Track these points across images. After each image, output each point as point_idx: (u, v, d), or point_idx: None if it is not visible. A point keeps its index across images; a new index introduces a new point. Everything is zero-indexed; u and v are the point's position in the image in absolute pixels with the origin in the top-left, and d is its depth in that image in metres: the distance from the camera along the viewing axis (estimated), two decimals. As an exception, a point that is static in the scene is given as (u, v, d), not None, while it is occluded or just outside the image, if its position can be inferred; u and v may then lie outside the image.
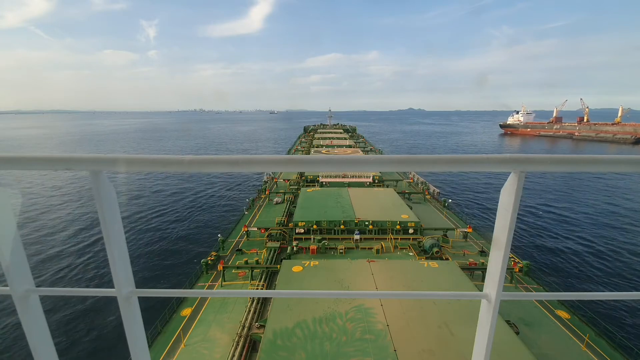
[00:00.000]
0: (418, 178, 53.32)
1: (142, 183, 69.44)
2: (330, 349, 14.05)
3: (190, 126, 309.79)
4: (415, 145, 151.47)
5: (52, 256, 35.53)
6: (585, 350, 17.08)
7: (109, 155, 1.30)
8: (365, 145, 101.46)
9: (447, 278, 20.60)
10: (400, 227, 30.07)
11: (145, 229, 43.55)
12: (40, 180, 71.59)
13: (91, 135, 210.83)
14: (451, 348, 14.32)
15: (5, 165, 1.31)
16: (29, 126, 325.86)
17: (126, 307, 1.54)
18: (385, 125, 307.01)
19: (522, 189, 1.37)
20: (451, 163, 1.30)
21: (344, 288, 19.28)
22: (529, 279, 24.67)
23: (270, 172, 50.69)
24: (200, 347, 17.19)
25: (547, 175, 68.51)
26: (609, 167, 1.29)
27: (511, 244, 1.45)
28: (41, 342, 1.55)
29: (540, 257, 34.93)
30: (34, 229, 43.07)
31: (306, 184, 47.59)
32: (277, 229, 31.04)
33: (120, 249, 1.48)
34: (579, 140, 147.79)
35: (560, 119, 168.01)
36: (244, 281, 23.81)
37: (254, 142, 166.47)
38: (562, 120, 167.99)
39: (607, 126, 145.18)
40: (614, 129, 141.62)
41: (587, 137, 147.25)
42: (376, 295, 1.65)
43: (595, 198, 57.74)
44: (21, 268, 1.47)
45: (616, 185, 66.48)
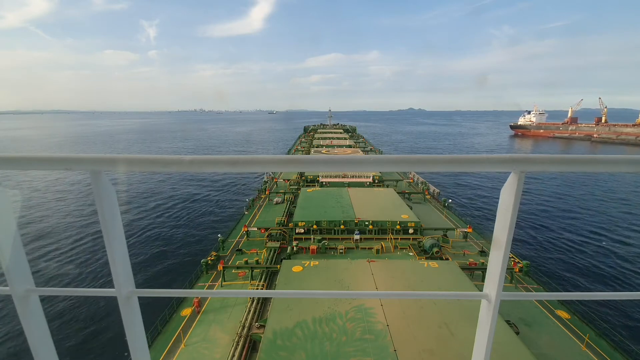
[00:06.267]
0: (418, 178, 53.31)
1: (142, 183, 69.46)
2: (330, 349, 14.05)
3: (186, 127, 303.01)
4: (422, 148, 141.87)
5: (52, 256, 35.53)
6: (585, 350, 17.07)
7: (109, 155, 1.31)
8: (365, 145, 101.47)
9: (447, 278, 20.59)
10: (400, 227, 30.06)
11: (145, 229, 43.55)
12: (41, 180, 71.60)
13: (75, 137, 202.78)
14: (451, 348, 14.32)
15: (5, 165, 1.32)
16: (27, 127, 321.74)
17: (126, 307, 1.54)
18: (386, 126, 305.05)
19: (522, 189, 1.37)
20: (451, 163, 1.30)
21: (344, 288, 19.29)
22: (529, 279, 24.66)
23: (270, 172, 50.69)
24: (200, 347, 17.19)
25: (547, 175, 68.50)
26: (608, 167, 1.30)
27: (511, 244, 1.45)
28: (41, 342, 1.55)
29: (540, 257, 34.93)
30: (34, 229, 43.06)
31: (306, 184, 47.59)
32: (277, 229, 31.02)
33: (120, 249, 1.48)
34: (598, 142, 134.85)
35: (575, 119, 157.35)
36: (244, 281, 23.81)
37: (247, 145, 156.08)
38: (577, 120, 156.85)
39: (628, 127, 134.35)
40: (635, 130, 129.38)
41: (608, 139, 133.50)
42: (376, 295, 1.65)
43: (596, 198, 57.73)
44: (21, 268, 1.47)
45: (616, 185, 66.47)
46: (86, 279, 31.13)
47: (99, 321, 24.55)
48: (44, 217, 48.24)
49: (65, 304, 26.27)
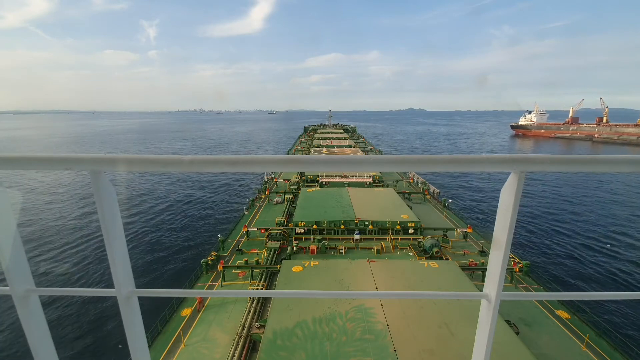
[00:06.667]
0: (418, 178, 53.31)
1: (142, 183, 69.45)
2: (330, 349, 14.06)
3: (186, 127, 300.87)
4: (422, 148, 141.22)
5: (52, 256, 35.53)
6: (585, 350, 17.07)
7: (109, 155, 1.31)
8: (365, 145, 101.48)
9: (447, 278, 20.60)
10: (400, 227, 30.06)
11: (145, 229, 43.56)
12: (41, 180, 71.60)
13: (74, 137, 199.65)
14: (451, 348, 14.32)
15: (5, 165, 1.32)
16: (26, 127, 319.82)
17: (126, 307, 1.54)
18: (386, 126, 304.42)
19: (522, 189, 1.37)
20: (451, 163, 1.30)
21: (344, 288, 19.29)
22: (529, 279, 24.66)
23: (270, 172, 50.69)
24: (200, 347, 17.20)
25: (547, 175, 68.50)
26: (608, 167, 1.30)
27: (511, 244, 1.45)
28: (41, 342, 1.55)
29: (540, 257, 34.93)
30: (34, 229, 43.06)
31: (306, 184, 47.59)
32: (277, 229, 31.03)
33: (120, 249, 1.48)
34: (600, 142, 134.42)
35: (576, 119, 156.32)
36: (244, 281, 23.81)
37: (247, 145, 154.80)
38: (578, 120, 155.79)
39: (629, 127, 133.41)
40: (637, 130, 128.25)
41: (609, 139, 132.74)
42: (376, 295, 1.65)
43: (595, 198, 57.73)
44: (21, 268, 1.47)
45: (616, 185, 66.47)
46: (86, 279, 31.14)
47: (99, 321, 24.55)
48: (44, 217, 48.23)
49: (65, 304, 26.28)
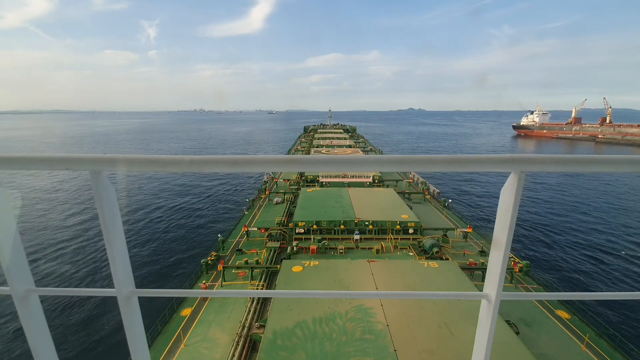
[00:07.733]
0: (418, 178, 53.30)
1: (142, 183, 69.45)
2: (330, 349, 14.05)
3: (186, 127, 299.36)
4: (423, 148, 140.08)
5: (52, 256, 35.53)
6: (585, 350, 17.07)
7: (109, 155, 1.31)
8: (365, 145, 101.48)
9: (447, 278, 20.59)
10: (400, 227, 30.06)
11: (145, 229, 43.56)
12: (41, 180, 71.61)
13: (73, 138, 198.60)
14: (451, 348, 14.31)
15: (5, 165, 1.32)
16: (26, 127, 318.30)
17: (126, 307, 1.54)
18: (386, 126, 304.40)
19: (522, 189, 1.37)
20: (451, 163, 1.30)
21: (344, 288, 19.29)
22: (529, 279, 24.65)
23: (270, 172, 50.69)
24: (200, 347, 17.19)
25: (547, 175, 68.48)
26: (608, 167, 1.30)
27: (511, 244, 1.45)
28: (41, 342, 1.55)
29: (540, 257, 34.92)
30: (35, 229, 43.07)
31: (306, 184, 47.58)
32: (277, 229, 31.02)
33: (120, 249, 1.48)
34: (603, 143, 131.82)
35: (579, 119, 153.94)
36: (244, 281, 23.81)
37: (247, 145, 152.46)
38: (581, 120, 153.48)
39: (633, 128, 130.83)
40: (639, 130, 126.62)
41: (613, 139, 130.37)
42: (376, 295, 1.65)
43: (595, 198, 57.72)
44: (21, 268, 1.47)
45: (616, 185, 66.46)
46: (86, 279, 31.13)
47: (99, 321, 24.55)
48: (44, 217, 48.24)
49: (65, 304, 26.27)
